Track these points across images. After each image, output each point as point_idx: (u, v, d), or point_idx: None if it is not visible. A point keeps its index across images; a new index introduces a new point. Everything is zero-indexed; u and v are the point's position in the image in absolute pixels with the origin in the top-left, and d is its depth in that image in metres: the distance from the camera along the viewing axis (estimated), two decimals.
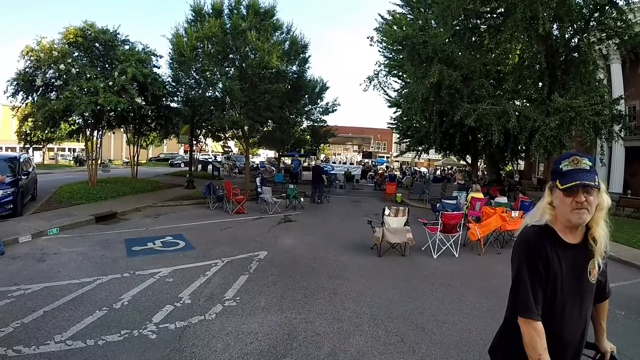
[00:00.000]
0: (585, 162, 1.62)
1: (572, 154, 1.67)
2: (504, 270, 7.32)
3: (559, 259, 1.63)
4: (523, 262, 1.65)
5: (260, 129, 20.93)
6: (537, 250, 1.63)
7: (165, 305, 4.72)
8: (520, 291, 1.64)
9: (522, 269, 1.64)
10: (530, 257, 1.63)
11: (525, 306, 1.61)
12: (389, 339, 4.16)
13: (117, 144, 52.09)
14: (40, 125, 13.53)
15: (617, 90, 18.29)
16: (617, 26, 13.88)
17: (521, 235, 1.74)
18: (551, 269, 1.61)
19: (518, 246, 1.72)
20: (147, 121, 16.91)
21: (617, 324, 4.76)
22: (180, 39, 15.27)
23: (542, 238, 1.65)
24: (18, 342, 3.70)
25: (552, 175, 1.72)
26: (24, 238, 7.72)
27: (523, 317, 1.61)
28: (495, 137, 13.49)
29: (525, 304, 1.61)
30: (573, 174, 1.60)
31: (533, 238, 1.67)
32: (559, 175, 1.65)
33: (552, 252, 1.62)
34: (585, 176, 1.58)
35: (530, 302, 1.60)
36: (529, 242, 1.67)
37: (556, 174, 1.67)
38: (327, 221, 11.90)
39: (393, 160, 52.45)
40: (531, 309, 1.60)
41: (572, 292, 1.65)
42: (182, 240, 8.23)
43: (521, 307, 1.63)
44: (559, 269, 1.62)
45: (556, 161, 1.71)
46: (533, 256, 1.63)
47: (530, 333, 1.59)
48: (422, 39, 15.00)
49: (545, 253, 1.62)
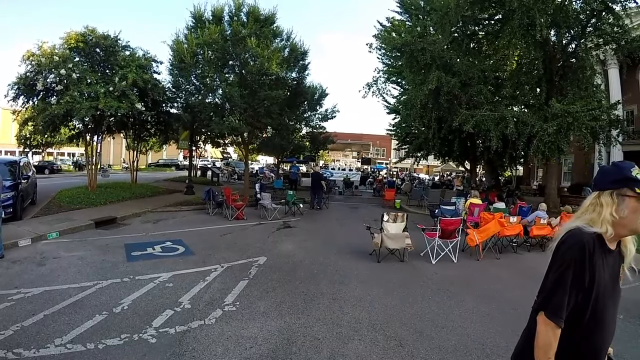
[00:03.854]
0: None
1: (633, 164, 1.66)
2: (503, 275, 7.36)
3: (604, 266, 1.62)
4: (571, 266, 1.60)
5: (259, 135, 20.99)
6: (591, 257, 1.59)
7: (165, 310, 4.73)
8: (558, 294, 1.60)
9: (568, 273, 1.60)
10: (581, 263, 1.59)
11: (556, 310, 1.59)
12: (387, 344, 4.17)
13: (116, 149, 52.11)
14: (41, 129, 13.60)
15: (615, 95, 18.42)
16: (614, 31, 14.01)
17: (575, 236, 1.65)
18: (597, 276, 1.59)
19: (570, 247, 1.64)
20: (147, 126, 17.00)
21: (616, 327, 4.77)
22: (180, 45, 15.36)
23: (597, 246, 1.62)
24: (18, 345, 3.71)
25: (616, 184, 1.67)
26: (23, 242, 7.73)
27: (550, 319, 1.58)
28: (493, 142, 13.56)
29: (558, 308, 1.58)
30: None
31: (590, 244, 1.60)
32: (633, 182, 1.61)
33: (600, 260, 1.61)
34: None
35: (562, 309, 1.58)
36: (585, 246, 1.60)
37: (628, 181, 1.63)
38: (326, 227, 11.91)
39: (392, 167, 52.49)
40: (561, 315, 1.58)
41: (610, 297, 1.66)
42: (181, 246, 8.23)
43: (552, 309, 1.60)
44: (603, 276, 1.61)
45: (620, 169, 1.67)
46: (584, 263, 1.58)
47: (548, 335, 1.58)
48: (421, 46, 15.11)
49: (595, 262, 1.59)
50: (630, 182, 1.62)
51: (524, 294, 5.40)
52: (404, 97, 21.95)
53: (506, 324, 4.75)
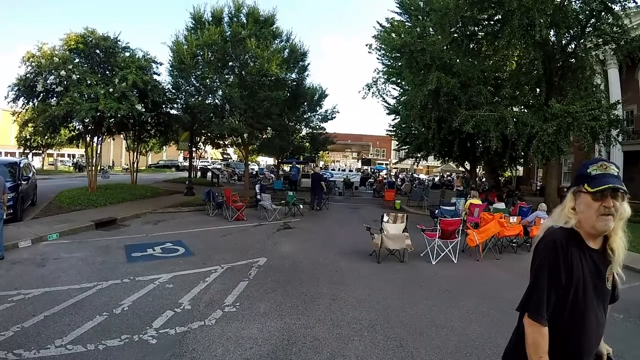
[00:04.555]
0: (613, 168, 1.62)
1: (599, 160, 1.66)
2: (503, 276, 7.36)
3: (582, 263, 1.61)
4: (546, 264, 1.62)
5: (259, 136, 21.01)
6: (564, 253, 1.60)
7: (165, 311, 4.73)
8: (536, 293, 1.62)
9: (544, 271, 1.61)
10: (555, 259, 1.60)
11: (537, 309, 1.60)
12: (387, 344, 4.18)
13: (116, 151, 52.11)
14: (41, 130, 13.62)
15: (615, 95, 18.40)
16: (614, 31, 13.99)
17: (547, 235, 1.69)
18: (574, 273, 1.59)
19: (543, 247, 1.67)
20: (147, 128, 17.01)
21: (616, 327, 4.79)
22: (180, 47, 15.41)
23: (570, 241, 1.63)
24: (18, 346, 3.72)
25: (576, 180, 1.70)
26: (24, 243, 7.74)
27: (533, 319, 1.60)
28: (493, 143, 13.55)
29: (538, 306, 1.60)
30: (603, 177, 1.59)
31: (561, 240, 1.62)
32: (587, 179, 1.62)
33: (577, 257, 1.61)
34: (615, 181, 1.57)
35: (542, 306, 1.59)
36: (556, 243, 1.62)
37: (584, 177, 1.64)
38: (326, 228, 11.91)
39: (392, 167, 52.52)
40: (542, 313, 1.59)
41: (592, 297, 1.64)
42: (181, 247, 8.24)
43: (533, 308, 1.61)
44: (582, 273, 1.61)
45: (582, 166, 1.70)
46: (558, 259, 1.59)
47: (535, 335, 1.59)
48: (421, 46, 15.11)
49: (570, 257, 1.60)
50: (584, 178, 1.64)
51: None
52: (404, 97, 21.90)
53: (506, 324, 4.72)
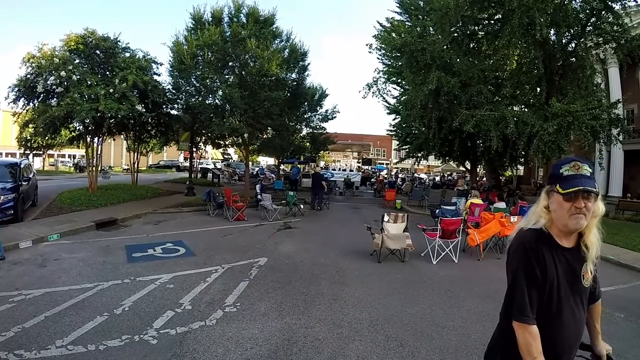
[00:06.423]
0: (586, 168, 1.63)
1: (572, 159, 1.67)
2: (503, 275, 7.27)
3: (555, 263, 1.64)
4: (520, 266, 1.64)
5: (260, 136, 21.00)
6: (535, 254, 1.62)
7: (166, 311, 4.73)
8: (517, 295, 1.64)
9: (519, 273, 1.64)
10: (527, 260, 1.63)
11: (521, 310, 1.61)
12: (388, 344, 4.18)
13: (117, 151, 52.20)
14: (41, 131, 13.62)
15: (615, 94, 18.41)
16: (614, 30, 13.97)
17: (517, 238, 1.73)
18: (548, 273, 1.61)
19: (515, 250, 1.71)
20: (147, 128, 17.01)
21: (617, 327, 4.79)
22: (180, 47, 15.39)
23: (539, 242, 1.65)
24: (19, 347, 3.72)
25: (549, 179, 1.72)
26: (24, 243, 7.74)
27: (518, 321, 1.62)
28: (493, 142, 13.53)
29: (522, 307, 1.61)
30: (574, 179, 1.60)
31: (530, 242, 1.66)
32: (559, 179, 1.64)
33: (549, 256, 1.63)
34: (587, 182, 1.58)
35: (526, 306, 1.60)
36: (525, 245, 1.66)
37: (556, 178, 1.66)
38: (326, 228, 11.91)
39: (393, 167, 52.50)
40: (527, 313, 1.60)
41: (567, 295, 1.66)
42: (182, 247, 8.24)
43: (517, 310, 1.63)
44: (555, 273, 1.63)
45: (555, 165, 1.71)
46: (530, 260, 1.62)
47: (525, 337, 1.59)
48: (421, 46, 15.08)
49: (542, 257, 1.62)
50: (556, 179, 1.66)
51: None
52: (404, 97, 21.87)
53: None
